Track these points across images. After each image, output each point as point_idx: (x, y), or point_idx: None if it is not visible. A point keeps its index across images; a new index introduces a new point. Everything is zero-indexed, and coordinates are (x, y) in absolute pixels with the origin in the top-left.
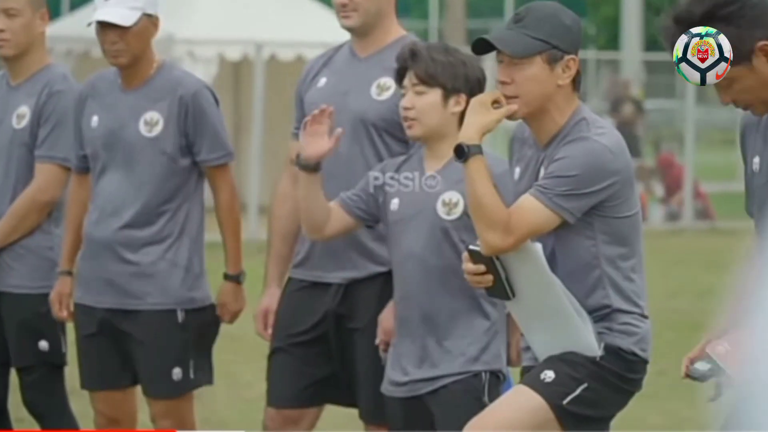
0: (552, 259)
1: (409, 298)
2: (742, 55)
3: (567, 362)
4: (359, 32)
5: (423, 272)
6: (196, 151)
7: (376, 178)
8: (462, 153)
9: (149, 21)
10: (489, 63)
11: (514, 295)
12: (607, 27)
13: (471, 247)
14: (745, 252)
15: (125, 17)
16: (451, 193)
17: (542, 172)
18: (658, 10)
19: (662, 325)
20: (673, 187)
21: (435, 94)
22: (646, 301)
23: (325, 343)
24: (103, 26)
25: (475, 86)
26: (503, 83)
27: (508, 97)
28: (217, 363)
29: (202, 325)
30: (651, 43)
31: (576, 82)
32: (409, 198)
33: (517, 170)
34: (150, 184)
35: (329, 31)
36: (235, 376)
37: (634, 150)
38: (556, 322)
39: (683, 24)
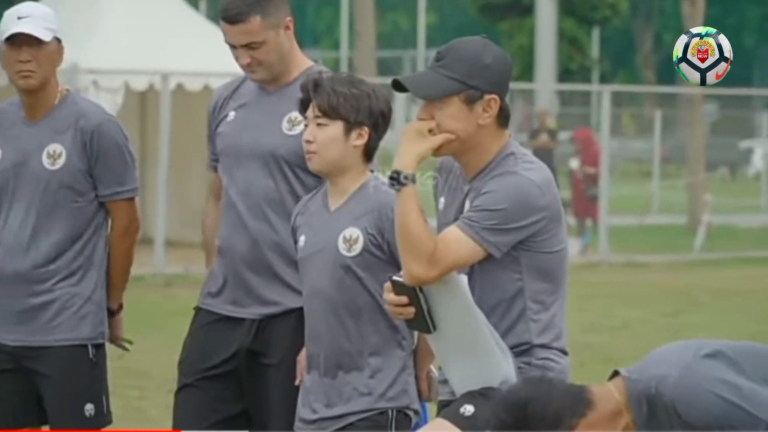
0: (474, 292)
1: (316, 334)
2: None
3: (487, 396)
4: (270, 79)
5: (328, 309)
6: (97, 185)
7: (294, 220)
8: (397, 181)
9: (59, 47)
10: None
11: (435, 328)
12: (521, 57)
13: (394, 277)
14: None
15: (42, 34)
16: (352, 229)
17: (467, 204)
18: (573, 40)
19: (576, 360)
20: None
21: (336, 127)
22: (567, 337)
23: (236, 378)
24: (14, 45)
25: (378, 119)
26: (422, 120)
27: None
28: (124, 399)
29: (104, 361)
30: (565, 74)
31: (502, 119)
32: (314, 234)
33: (442, 200)
34: (55, 218)
35: None
36: (141, 412)
37: None
38: (477, 356)
39: None
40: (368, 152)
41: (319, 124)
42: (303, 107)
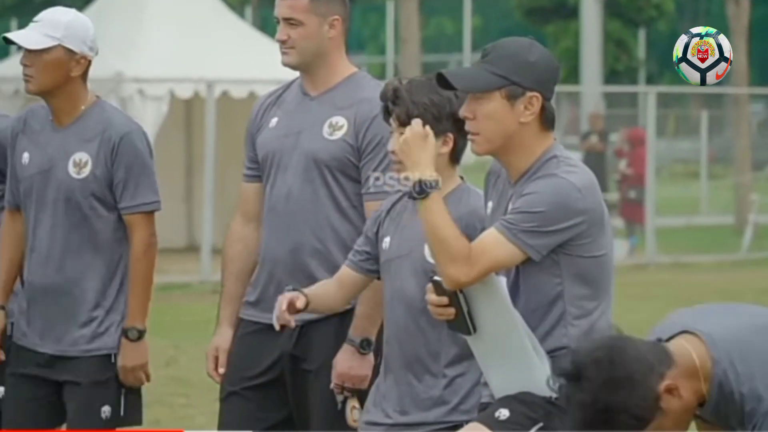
0: (515, 295)
1: (394, 339)
2: (652, 412)
3: (522, 401)
4: (302, 70)
5: (409, 314)
6: (120, 197)
7: (377, 218)
8: (422, 191)
9: (69, 56)
10: None
11: (475, 331)
12: (566, 60)
13: (435, 278)
14: None
15: (32, 41)
16: None
17: (510, 207)
18: (618, 42)
19: None
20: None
21: None
22: None
23: (281, 385)
24: (21, 49)
25: (462, 123)
26: (466, 118)
27: (470, 134)
28: (171, 407)
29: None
30: (611, 75)
31: (545, 120)
32: (400, 238)
33: (490, 204)
34: (81, 228)
35: (282, 67)
36: (188, 419)
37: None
38: (514, 359)
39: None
40: (455, 156)
41: (402, 134)
42: (386, 115)
